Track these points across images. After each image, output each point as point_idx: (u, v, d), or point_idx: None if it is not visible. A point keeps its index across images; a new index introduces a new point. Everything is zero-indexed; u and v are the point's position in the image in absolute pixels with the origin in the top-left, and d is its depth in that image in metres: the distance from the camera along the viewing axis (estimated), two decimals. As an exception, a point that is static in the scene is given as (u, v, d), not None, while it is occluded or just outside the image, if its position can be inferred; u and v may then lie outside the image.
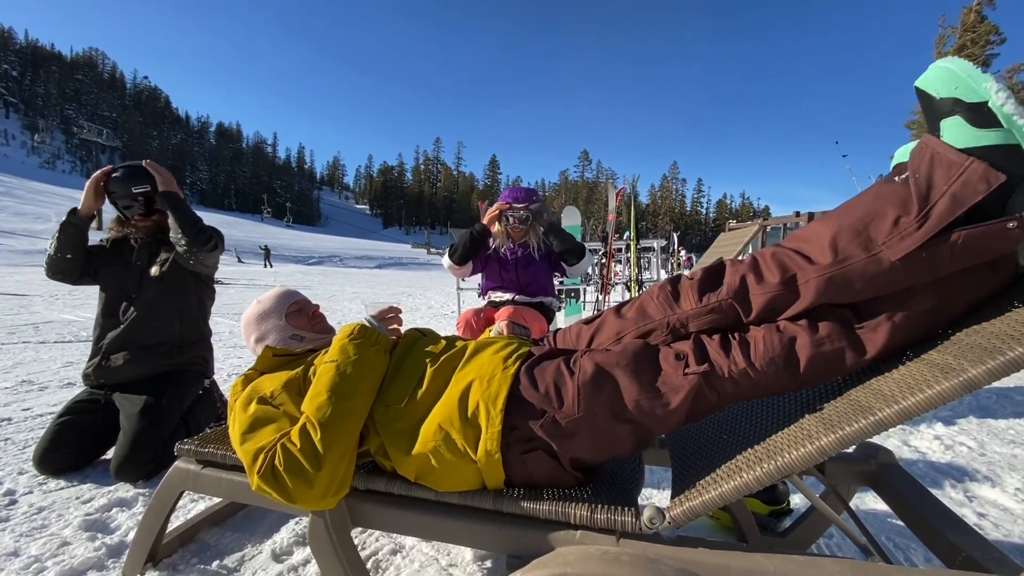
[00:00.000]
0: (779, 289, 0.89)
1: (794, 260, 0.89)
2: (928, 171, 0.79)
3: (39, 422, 2.49)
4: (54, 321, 6.65)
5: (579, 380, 0.95)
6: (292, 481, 0.93)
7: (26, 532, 1.46)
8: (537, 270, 2.78)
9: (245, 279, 17.97)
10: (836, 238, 0.85)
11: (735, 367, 0.89)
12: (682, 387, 0.90)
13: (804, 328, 0.88)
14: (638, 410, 0.92)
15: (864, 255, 0.82)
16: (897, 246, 0.79)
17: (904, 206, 0.79)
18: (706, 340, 0.95)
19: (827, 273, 0.84)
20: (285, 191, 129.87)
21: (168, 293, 2.07)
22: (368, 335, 1.11)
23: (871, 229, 0.82)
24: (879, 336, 0.84)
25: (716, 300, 0.95)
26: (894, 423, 0.77)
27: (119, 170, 2.07)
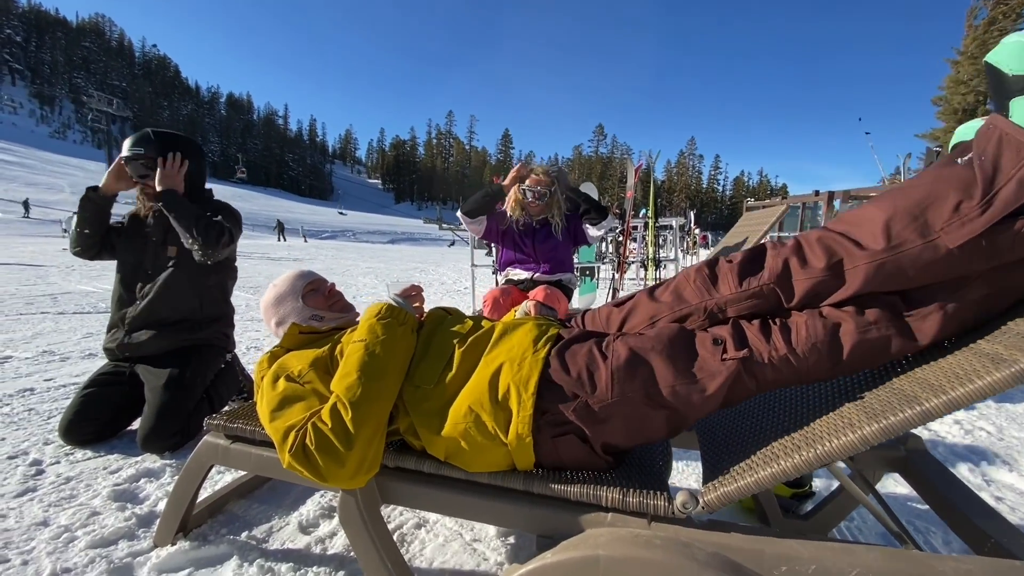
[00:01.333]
0: (824, 275, 0.85)
1: (842, 244, 0.84)
2: (995, 153, 0.75)
3: (62, 392, 2.53)
4: (72, 292, 6.76)
5: (612, 364, 0.93)
6: (323, 460, 0.92)
7: (55, 502, 1.49)
8: (556, 243, 2.74)
9: (259, 252, 18.11)
10: (890, 222, 0.80)
11: (776, 353, 0.86)
12: (720, 372, 0.88)
13: (850, 314, 0.84)
14: (673, 396, 0.90)
15: (920, 241, 0.77)
16: (957, 232, 0.74)
17: (967, 190, 0.75)
18: (745, 325, 0.92)
19: (879, 259, 0.80)
20: (297, 164, 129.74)
21: (186, 273, 2.05)
22: (396, 314, 1.09)
23: (929, 213, 0.77)
24: (929, 324, 0.81)
25: (757, 284, 0.91)
26: (942, 414, 0.74)
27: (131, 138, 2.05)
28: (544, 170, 2.69)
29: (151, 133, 2.05)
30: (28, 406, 2.31)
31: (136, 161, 2.00)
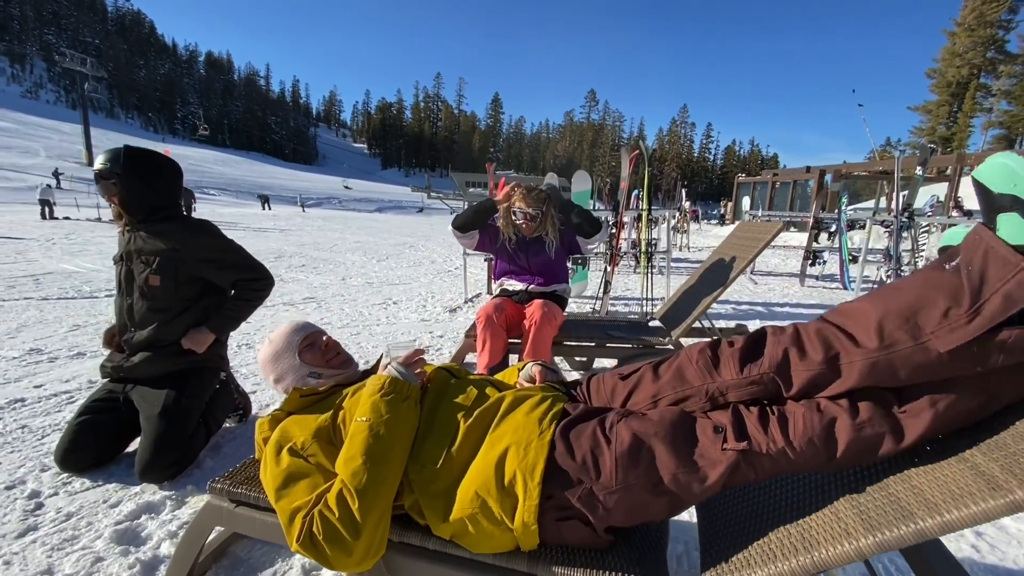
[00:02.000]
0: (821, 367, 0.88)
1: (838, 339, 0.89)
2: (982, 265, 0.79)
3: (54, 403, 2.52)
4: (54, 272, 6.63)
5: (616, 451, 0.95)
6: (331, 550, 0.94)
7: (57, 545, 1.49)
8: (551, 262, 2.74)
9: (244, 223, 17.79)
10: (883, 322, 0.84)
11: (773, 445, 0.89)
12: (720, 462, 0.90)
13: (845, 409, 0.87)
14: (675, 483, 0.92)
15: (911, 343, 0.81)
16: (946, 338, 0.78)
17: (955, 297, 0.79)
18: (744, 413, 0.95)
19: (872, 358, 0.84)
20: (280, 127, 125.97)
21: (179, 299, 2.02)
22: (399, 388, 1.09)
23: (920, 317, 0.81)
24: (920, 423, 0.84)
25: (757, 372, 0.95)
26: (935, 535, 0.76)
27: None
28: (536, 196, 2.66)
29: (122, 152, 1.98)
30: (20, 421, 2.30)
31: (107, 180, 1.95)
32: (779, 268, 9.67)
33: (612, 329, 2.87)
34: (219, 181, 44.59)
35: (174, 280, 2.00)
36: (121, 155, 1.97)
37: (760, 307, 5.70)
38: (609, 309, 4.90)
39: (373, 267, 8.48)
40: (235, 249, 2.14)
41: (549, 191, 2.70)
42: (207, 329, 2.06)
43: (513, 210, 2.68)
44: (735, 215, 22.52)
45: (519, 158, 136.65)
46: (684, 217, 14.03)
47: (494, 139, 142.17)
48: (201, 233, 2.08)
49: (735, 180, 25.16)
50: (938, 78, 42.54)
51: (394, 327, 4.42)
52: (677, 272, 7.93)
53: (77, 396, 2.60)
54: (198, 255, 2.04)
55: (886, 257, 5.64)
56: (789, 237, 15.03)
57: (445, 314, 4.99)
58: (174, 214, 2.08)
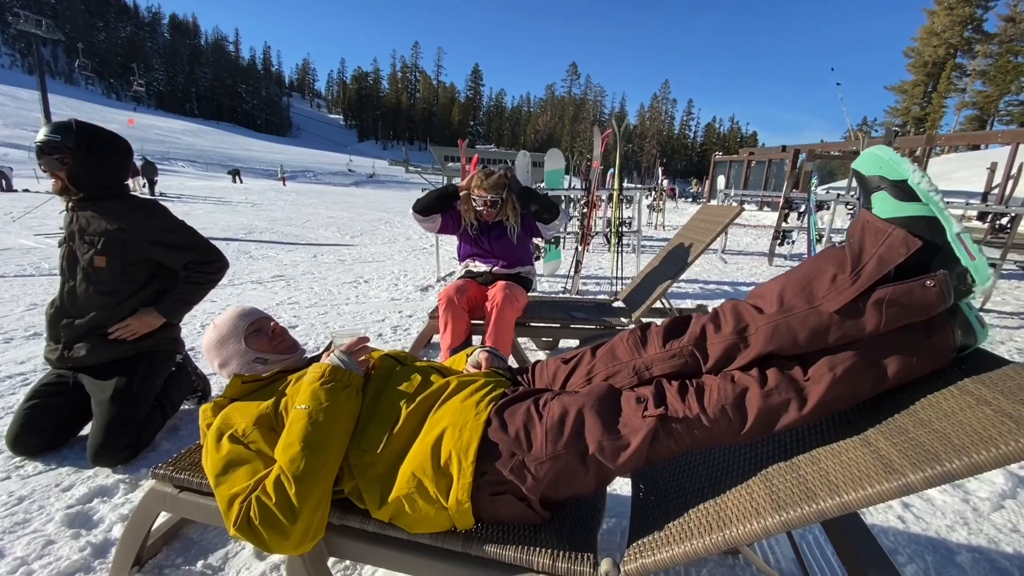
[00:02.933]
0: (733, 338, 0.99)
1: (748, 311, 1.00)
2: (860, 237, 0.92)
3: (7, 386, 2.46)
4: (12, 248, 6.39)
5: (547, 423, 1.01)
6: (268, 534, 0.96)
7: (8, 528, 1.49)
8: (514, 245, 2.74)
9: (215, 197, 17.27)
10: (783, 292, 0.96)
11: (689, 412, 0.95)
12: (640, 429, 0.96)
13: (755, 379, 0.95)
14: (600, 451, 0.98)
15: (806, 306, 0.93)
16: (834, 299, 0.90)
17: (840, 265, 0.91)
18: (666, 385, 1.02)
19: (773, 321, 0.95)
20: (251, 96, 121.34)
21: (122, 283, 1.96)
22: (340, 377, 1.10)
23: (813, 284, 0.93)
24: (820, 387, 0.91)
25: (678, 346, 1.05)
26: (836, 514, 0.82)
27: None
28: (494, 181, 2.65)
29: (74, 125, 1.90)
30: (-30, 405, 2.25)
31: (53, 155, 1.86)
32: (750, 247, 9.85)
33: (575, 310, 2.92)
34: (188, 153, 42.99)
35: (121, 261, 1.94)
36: (73, 128, 1.90)
37: (727, 286, 5.82)
38: (580, 288, 4.95)
39: (346, 244, 8.37)
40: (186, 230, 2.08)
41: (509, 176, 2.68)
42: (156, 312, 2.01)
43: (472, 197, 2.67)
44: (710, 194, 22.73)
45: (499, 132, 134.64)
46: (661, 195, 14.11)
47: (474, 112, 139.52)
48: (148, 212, 2.02)
49: (712, 158, 25.24)
50: (915, 57, 43.04)
51: (363, 306, 4.40)
52: (650, 251, 8.02)
53: (32, 378, 2.55)
54: (146, 235, 1.98)
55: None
56: (762, 216, 15.26)
57: (416, 293, 4.98)
58: (121, 192, 2.02)
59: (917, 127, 40.16)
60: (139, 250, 1.97)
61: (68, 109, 47.51)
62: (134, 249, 1.96)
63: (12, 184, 15.17)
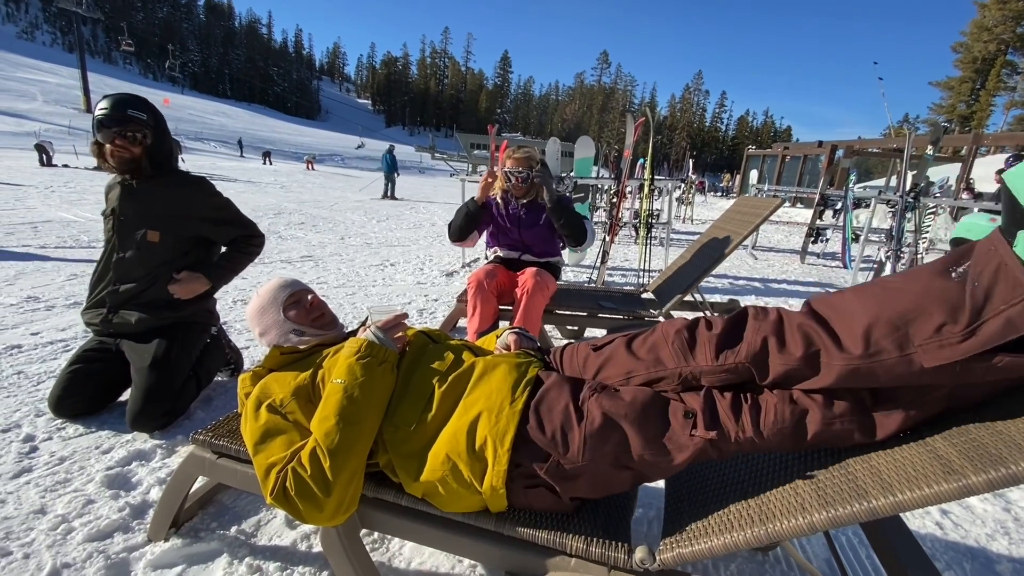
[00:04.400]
0: (800, 363, 0.86)
1: (821, 337, 0.85)
2: (990, 282, 0.73)
3: (50, 351, 2.55)
4: (52, 221, 6.61)
5: (587, 429, 0.97)
6: (303, 505, 0.97)
7: (50, 487, 1.55)
8: (543, 230, 2.71)
9: (245, 177, 17.59)
10: (871, 329, 0.80)
11: (743, 434, 0.90)
12: (687, 447, 0.92)
13: (819, 404, 0.87)
14: (642, 462, 0.95)
15: (896, 353, 0.78)
16: (934, 354, 0.75)
17: (953, 313, 0.74)
18: (717, 398, 0.94)
19: (854, 364, 0.81)
20: (282, 79, 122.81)
21: (168, 255, 2.01)
22: (376, 352, 1.10)
23: (911, 327, 0.77)
24: (891, 422, 0.84)
25: (733, 361, 0.93)
26: (887, 514, 0.79)
27: (113, 95, 1.92)
28: (523, 154, 2.62)
29: (142, 100, 1.95)
30: (16, 367, 2.34)
31: (136, 129, 1.89)
32: (781, 244, 9.61)
33: (604, 300, 2.88)
34: (220, 133, 43.81)
35: (174, 237, 2.01)
36: (145, 102, 1.94)
37: (757, 283, 5.69)
38: (606, 279, 4.90)
39: (372, 227, 8.44)
40: (232, 207, 2.16)
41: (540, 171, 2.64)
42: (203, 275, 2.05)
43: (506, 171, 2.64)
44: (741, 188, 22.20)
45: (526, 120, 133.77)
46: (690, 188, 13.85)
47: (501, 100, 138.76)
48: (201, 190, 2.08)
49: (745, 152, 24.60)
50: (964, 53, 41.10)
51: (390, 288, 4.44)
52: (678, 244, 7.89)
53: (72, 345, 2.64)
54: (199, 212, 2.06)
55: (888, 237, 5.59)
56: (794, 213, 14.88)
57: (441, 278, 5.00)
58: (174, 168, 2.07)
59: (962, 125, 38.46)
60: (191, 227, 2.04)
61: (107, 88, 48.80)
62: (187, 225, 2.03)
63: (53, 159, 15.68)
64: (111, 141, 1.88)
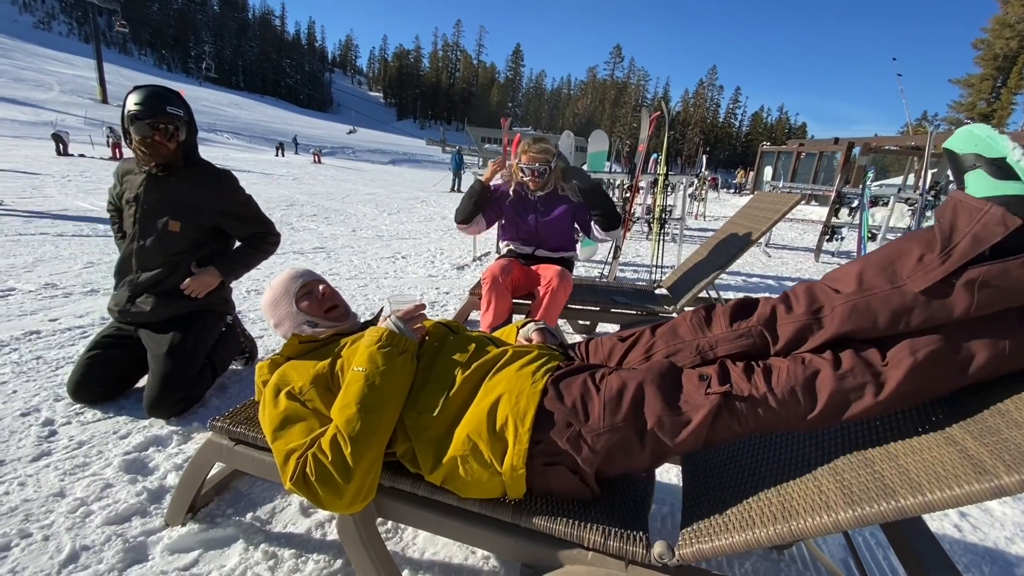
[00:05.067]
0: (806, 318, 0.94)
1: (824, 292, 0.95)
2: (952, 217, 0.86)
3: (68, 337, 2.59)
4: (69, 209, 6.69)
5: (605, 396, 0.99)
6: (323, 491, 0.97)
7: (69, 470, 1.57)
8: (559, 224, 2.69)
9: (258, 169, 17.70)
10: (863, 271, 0.91)
11: (756, 392, 0.91)
12: (703, 406, 0.93)
13: (828, 361, 0.90)
14: (659, 426, 0.95)
15: (888, 286, 0.88)
16: (921, 279, 0.85)
17: (929, 245, 0.86)
18: (730, 365, 0.98)
19: (852, 300, 0.90)
20: (295, 71, 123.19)
21: (187, 245, 2.02)
22: (396, 342, 1.10)
23: (897, 264, 0.88)
24: (899, 372, 0.85)
25: (746, 326, 1.00)
26: (915, 514, 0.77)
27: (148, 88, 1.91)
28: (540, 148, 2.60)
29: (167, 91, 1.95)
30: (35, 352, 2.37)
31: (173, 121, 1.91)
32: (795, 242, 9.50)
33: (617, 295, 2.87)
34: (232, 125, 44.07)
35: (194, 228, 2.03)
36: (178, 96, 1.96)
37: (771, 280, 5.64)
38: (617, 275, 4.87)
39: (384, 220, 8.47)
40: (253, 203, 2.19)
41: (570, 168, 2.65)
42: (215, 270, 2.07)
43: (520, 166, 2.63)
44: (755, 185, 21.95)
45: (537, 115, 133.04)
46: (702, 184, 13.71)
47: (513, 93, 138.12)
48: (225, 184, 2.10)
49: (759, 148, 24.27)
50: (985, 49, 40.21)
51: (401, 281, 4.45)
52: (691, 241, 7.83)
53: (90, 331, 2.67)
54: (220, 206, 2.08)
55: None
56: (809, 211, 14.69)
57: (453, 271, 5.00)
58: (199, 158, 2.09)
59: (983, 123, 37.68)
60: (212, 218, 2.06)
61: (122, 79, 49.28)
62: (208, 217, 2.05)
63: (69, 148, 15.88)
64: (147, 135, 1.89)
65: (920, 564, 1.05)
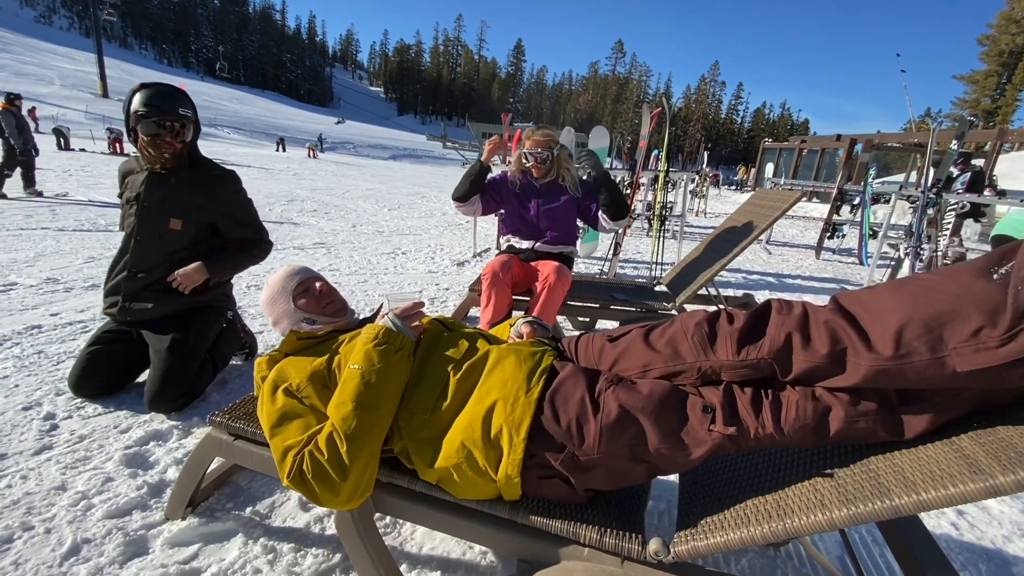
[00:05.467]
0: (825, 361, 0.83)
1: (848, 334, 0.82)
2: None
3: (69, 331, 2.60)
4: (70, 204, 6.70)
5: (602, 422, 0.96)
6: (319, 488, 0.98)
7: (70, 464, 1.58)
8: (561, 216, 2.69)
9: (258, 164, 17.67)
10: (903, 330, 0.77)
11: (762, 431, 0.88)
12: (705, 442, 0.91)
13: (843, 402, 0.85)
14: (658, 456, 0.94)
15: (929, 356, 0.75)
16: (969, 358, 0.72)
17: (992, 316, 0.70)
18: (737, 393, 0.93)
19: (884, 365, 0.78)
20: (295, 66, 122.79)
21: (186, 242, 2.03)
22: (392, 340, 1.10)
23: (946, 329, 0.74)
24: (919, 424, 0.82)
25: (755, 356, 0.90)
26: (910, 513, 0.77)
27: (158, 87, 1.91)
28: (542, 135, 2.61)
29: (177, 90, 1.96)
30: (37, 347, 2.38)
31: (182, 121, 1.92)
32: (796, 239, 9.49)
33: (616, 292, 2.87)
34: (233, 120, 43.96)
35: (195, 226, 2.03)
36: (185, 95, 1.95)
37: (771, 278, 5.63)
38: (617, 272, 4.87)
39: (384, 216, 8.46)
40: (253, 208, 2.19)
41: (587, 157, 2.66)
42: (204, 266, 2.03)
43: (524, 152, 2.64)
44: (757, 182, 21.89)
45: (539, 110, 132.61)
46: (704, 181, 13.67)
47: (514, 89, 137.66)
48: (228, 185, 2.10)
49: (761, 145, 24.18)
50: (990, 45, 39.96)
51: (401, 277, 4.45)
52: (691, 237, 7.82)
53: (91, 326, 2.68)
54: (220, 206, 2.07)
55: (908, 234, 5.48)
56: (810, 208, 14.66)
57: (453, 267, 5.00)
58: (202, 156, 2.09)
59: (987, 120, 37.51)
60: (212, 217, 2.06)
61: (123, 73, 49.19)
62: (207, 216, 2.05)
63: (70, 143, 15.86)
64: (156, 134, 1.89)
65: (916, 562, 1.06)
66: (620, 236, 4.73)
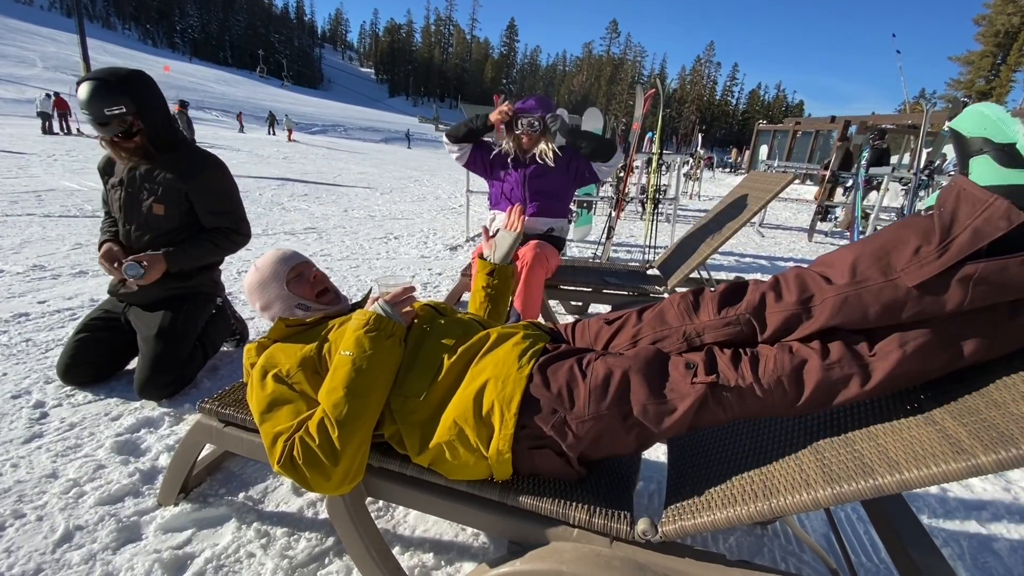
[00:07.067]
0: (796, 308, 0.92)
1: (815, 281, 0.92)
2: (953, 206, 0.83)
3: (57, 319, 2.57)
4: (56, 189, 6.60)
5: (591, 383, 0.99)
6: (310, 473, 0.98)
7: (61, 452, 1.58)
8: (549, 187, 2.66)
9: (247, 148, 17.41)
10: (857, 261, 0.88)
11: (742, 381, 0.91)
12: (688, 395, 0.93)
13: (815, 351, 0.89)
14: (644, 414, 0.96)
15: (882, 279, 0.85)
16: (915, 273, 0.82)
17: (926, 236, 0.83)
18: (718, 352, 0.97)
19: (843, 293, 0.88)
20: (284, 47, 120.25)
21: (174, 233, 2.00)
22: (383, 326, 1.09)
23: (892, 255, 0.85)
24: (887, 364, 0.85)
25: (734, 314, 0.99)
26: (892, 492, 0.79)
27: (85, 87, 1.78)
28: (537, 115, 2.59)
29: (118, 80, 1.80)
30: (25, 335, 2.36)
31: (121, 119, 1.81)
32: (789, 222, 9.51)
33: (609, 276, 2.87)
34: (221, 102, 43.14)
35: (178, 210, 1.99)
36: (125, 87, 1.80)
37: (764, 260, 5.65)
38: (611, 255, 4.87)
39: (376, 200, 8.39)
40: (234, 198, 2.13)
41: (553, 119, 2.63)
42: (163, 258, 1.92)
43: (518, 120, 2.63)
44: (751, 164, 21.85)
45: (532, 91, 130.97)
46: (698, 164, 13.63)
47: (507, 70, 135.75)
48: (209, 169, 2.05)
49: (755, 127, 24.08)
50: (986, 25, 39.75)
51: (394, 262, 4.43)
52: (685, 221, 7.82)
53: (79, 313, 2.66)
54: (200, 190, 2.02)
55: (900, 216, 5.51)
56: (804, 190, 14.67)
57: (445, 252, 4.98)
58: (178, 138, 2.03)
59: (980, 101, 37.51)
60: (192, 200, 2.01)
61: (106, 54, 48.04)
62: (187, 199, 2.00)
63: (54, 127, 15.55)
64: (100, 136, 1.85)
65: (899, 538, 1.08)
66: (613, 219, 4.72)
